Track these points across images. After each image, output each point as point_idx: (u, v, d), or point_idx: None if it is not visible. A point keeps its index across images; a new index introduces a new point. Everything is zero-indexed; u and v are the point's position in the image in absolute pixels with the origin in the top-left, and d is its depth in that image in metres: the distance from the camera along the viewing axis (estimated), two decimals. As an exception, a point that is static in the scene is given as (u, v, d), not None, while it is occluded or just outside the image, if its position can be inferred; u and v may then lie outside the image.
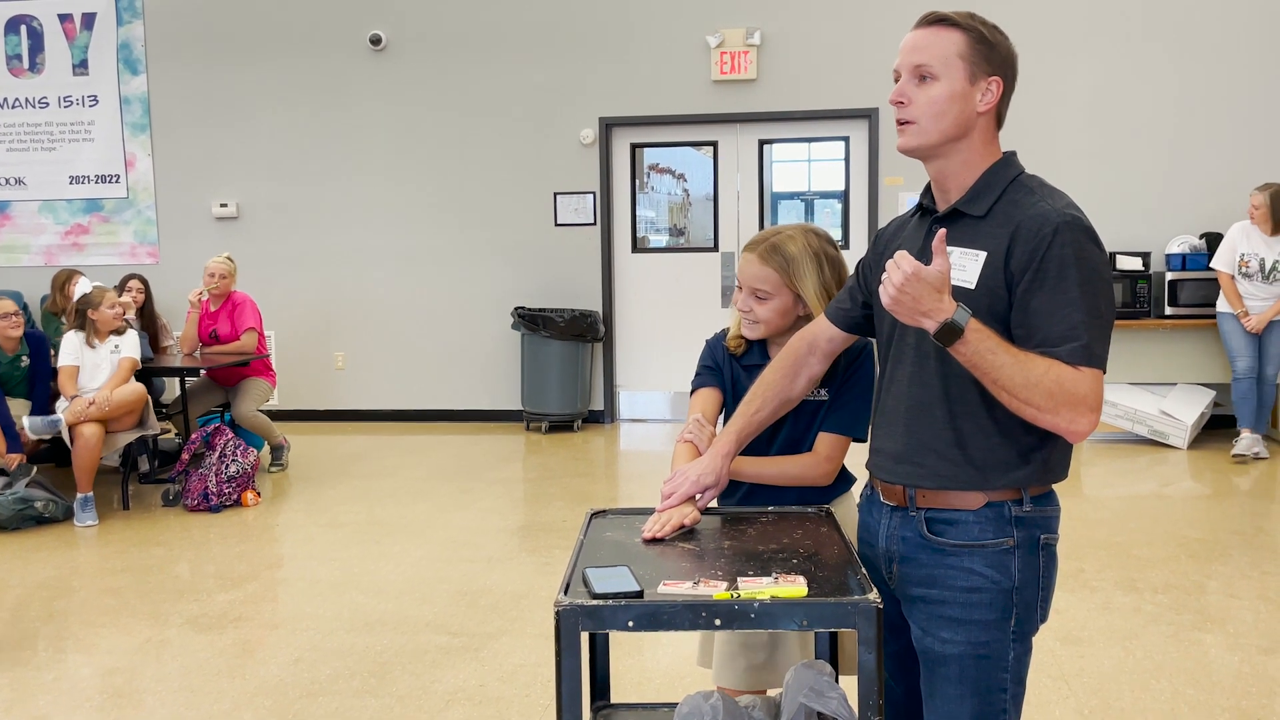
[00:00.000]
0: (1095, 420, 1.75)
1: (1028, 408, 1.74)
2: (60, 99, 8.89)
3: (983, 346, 1.72)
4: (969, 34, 1.83)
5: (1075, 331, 1.73)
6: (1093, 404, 1.73)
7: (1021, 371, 1.71)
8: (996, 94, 1.85)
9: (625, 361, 8.56)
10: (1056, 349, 1.74)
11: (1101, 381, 1.76)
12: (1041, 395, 1.72)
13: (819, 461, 2.25)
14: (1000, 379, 1.73)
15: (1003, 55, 1.86)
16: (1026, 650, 1.89)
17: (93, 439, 5.66)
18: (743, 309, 2.29)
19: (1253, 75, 7.61)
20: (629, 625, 1.62)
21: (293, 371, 8.70)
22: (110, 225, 8.95)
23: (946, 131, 1.83)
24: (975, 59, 1.83)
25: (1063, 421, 1.74)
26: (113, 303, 5.94)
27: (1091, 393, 1.73)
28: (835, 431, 2.25)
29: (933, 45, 1.83)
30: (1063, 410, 1.72)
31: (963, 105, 1.83)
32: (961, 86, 1.82)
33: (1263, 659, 3.63)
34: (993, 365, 1.72)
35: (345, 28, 8.54)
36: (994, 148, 1.89)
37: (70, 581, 4.77)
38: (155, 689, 3.58)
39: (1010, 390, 1.73)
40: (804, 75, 8.06)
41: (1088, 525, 5.28)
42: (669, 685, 3.50)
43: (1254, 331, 6.67)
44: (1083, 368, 1.73)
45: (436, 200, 8.56)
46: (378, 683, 3.59)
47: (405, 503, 6.04)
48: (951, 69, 1.82)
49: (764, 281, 2.26)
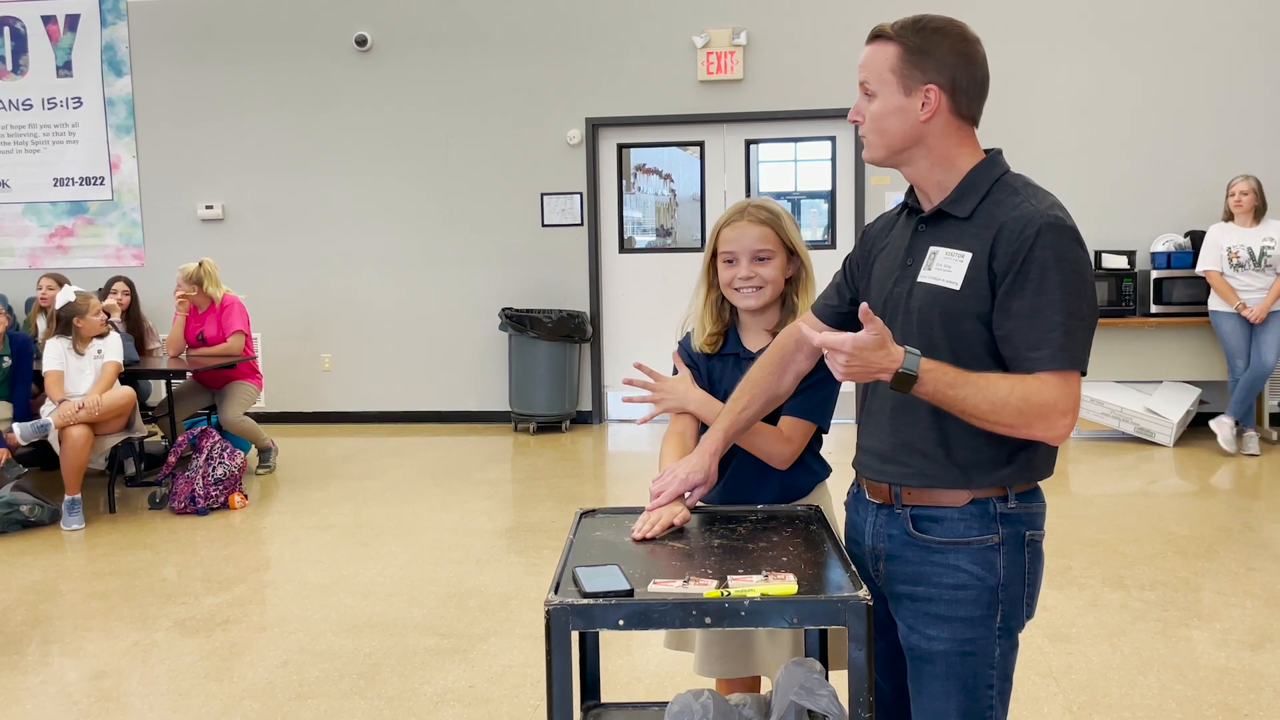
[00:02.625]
0: (1071, 423, 1.77)
1: (1000, 427, 1.77)
2: (44, 101, 8.84)
3: (941, 383, 1.75)
4: (900, 45, 1.85)
5: (1054, 335, 1.75)
6: (1064, 408, 1.75)
7: (986, 397, 1.74)
8: (936, 101, 1.84)
9: (613, 362, 8.56)
10: (1036, 352, 1.75)
11: (1078, 382, 1.77)
12: (1011, 414, 1.75)
13: (780, 439, 2.25)
14: (966, 409, 1.76)
15: (940, 60, 1.84)
16: (1013, 647, 1.89)
17: (80, 441, 5.64)
18: (745, 276, 2.30)
19: (1237, 74, 7.65)
20: (620, 624, 1.62)
21: (280, 373, 8.67)
22: (95, 228, 8.91)
23: (892, 144, 1.88)
24: (906, 70, 1.84)
25: (1038, 432, 1.77)
26: (98, 309, 5.92)
27: (1063, 397, 1.75)
28: (797, 415, 2.26)
29: (870, 62, 1.88)
30: (1035, 423, 1.75)
31: (902, 117, 1.85)
32: (896, 100, 1.85)
33: (1250, 655, 3.65)
34: (955, 398, 1.76)
35: (331, 28, 8.52)
36: (968, 149, 1.89)
37: (57, 585, 4.75)
38: (142, 692, 3.56)
39: (979, 416, 1.76)
40: (790, 75, 8.07)
41: (1075, 523, 5.30)
42: (659, 685, 3.50)
43: (1256, 321, 6.68)
44: (1056, 372, 1.74)
45: (423, 201, 8.54)
46: (366, 684, 3.58)
47: (393, 504, 6.03)
48: (885, 84, 1.86)
49: (764, 240, 2.30)
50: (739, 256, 2.30)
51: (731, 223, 2.32)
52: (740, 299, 2.32)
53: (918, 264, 1.89)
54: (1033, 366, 1.75)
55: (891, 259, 1.96)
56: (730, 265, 2.32)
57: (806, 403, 2.25)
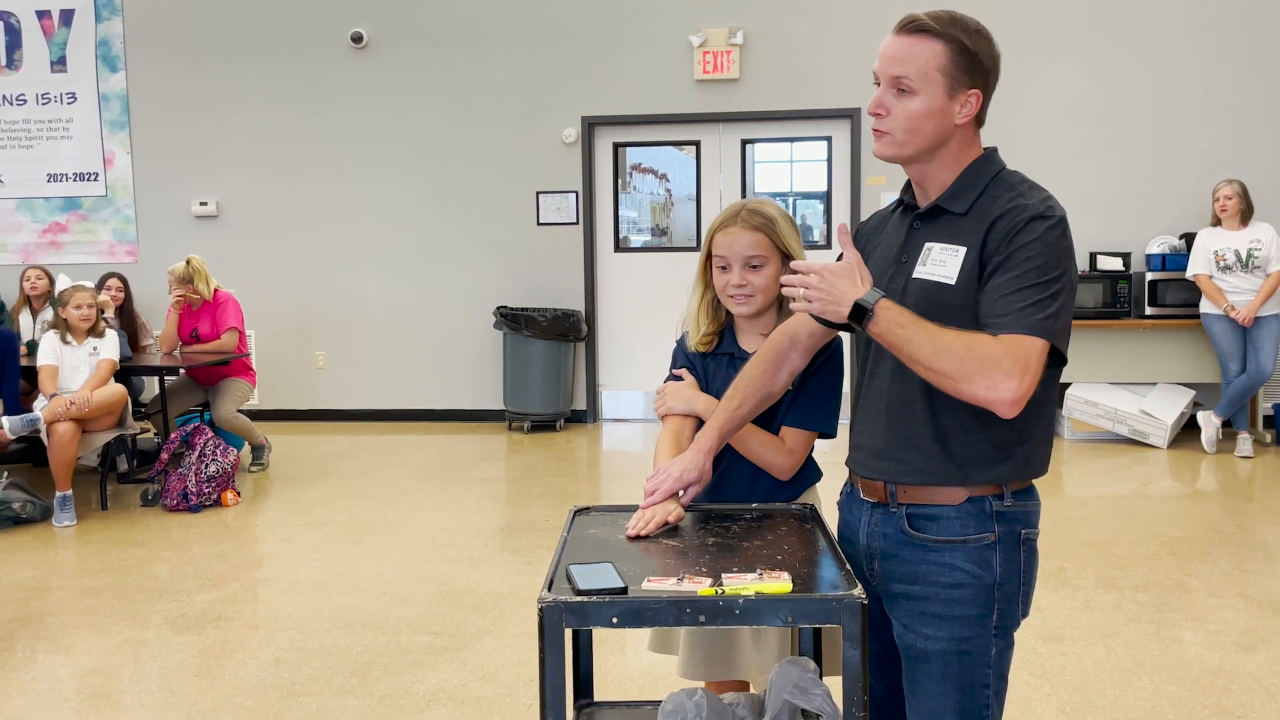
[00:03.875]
0: (1019, 389, 1.69)
1: (943, 378, 1.72)
2: (38, 96, 8.81)
3: (893, 322, 1.73)
4: (950, 45, 1.79)
5: (1019, 304, 1.72)
6: (1009, 368, 1.68)
7: (930, 341, 1.71)
8: (975, 106, 1.83)
9: (607, 361, 8.55)
10: (1000, 318, 1.73)
11: (1037, 352, 1.71)
12: (951, 361, 1.70)
13: (783, 450, 2.24)
14: (912, 351, 1.73)
15: (984, 64, 1.82)
16: (1009, 646, 1.89)
17: (67, 436, 5.61)
18: (738, 284, 2.26)
19: (1233, 77, 7.66)
20: (613, 621, 1.61)
21: (273, 371, 8.65)
22: (89, 224, 8.88)
23: (922, 145, 1.83)
24: (955, 72, 1.80)
25: (980, 389, 1.69)
26: (79, 303, 5.84)
27: (1011, 357, 1.69)
28: (797, 425, 2.24)
29: (912, 57, 1.79)
30: (975, 377, 1.69)
31: (940, 120, 1.81)
32: (940, 102, 1.80)
33: (1243, 656, 3.65)
34: (901, 339, 1.73)
35: (326, 25, 8.50)
36: (974, 150, 1.89)
37: (48, 582, 4.73)
38: (134, 689, 3.55)
39: (922, 362, 1.72)
40: (786, 75, 8.07)
41: (1069, 524, 5.30)
42: (652, 683, 3.49)
43: (1245, 323, 6.70)
44: (1014, 335, 1.71)
45: (418, 199, 8.53)
46: (359, 683, 3.57)
47: (386, 502, 6.01)
48: (930, 84, 1.79)
49: (757, 247, 2.25)
50: (731, 263, 2.27)
51: (725, 228, 2.28)
52: (733, 306, 2.31)
53: (913, 260, 1.88)
54: (995, 330, 1.73)
55: (886, 256, 1.96)
56: (724, 271, 2.29)
57: (807, 412, 2.24)
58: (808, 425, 2.24)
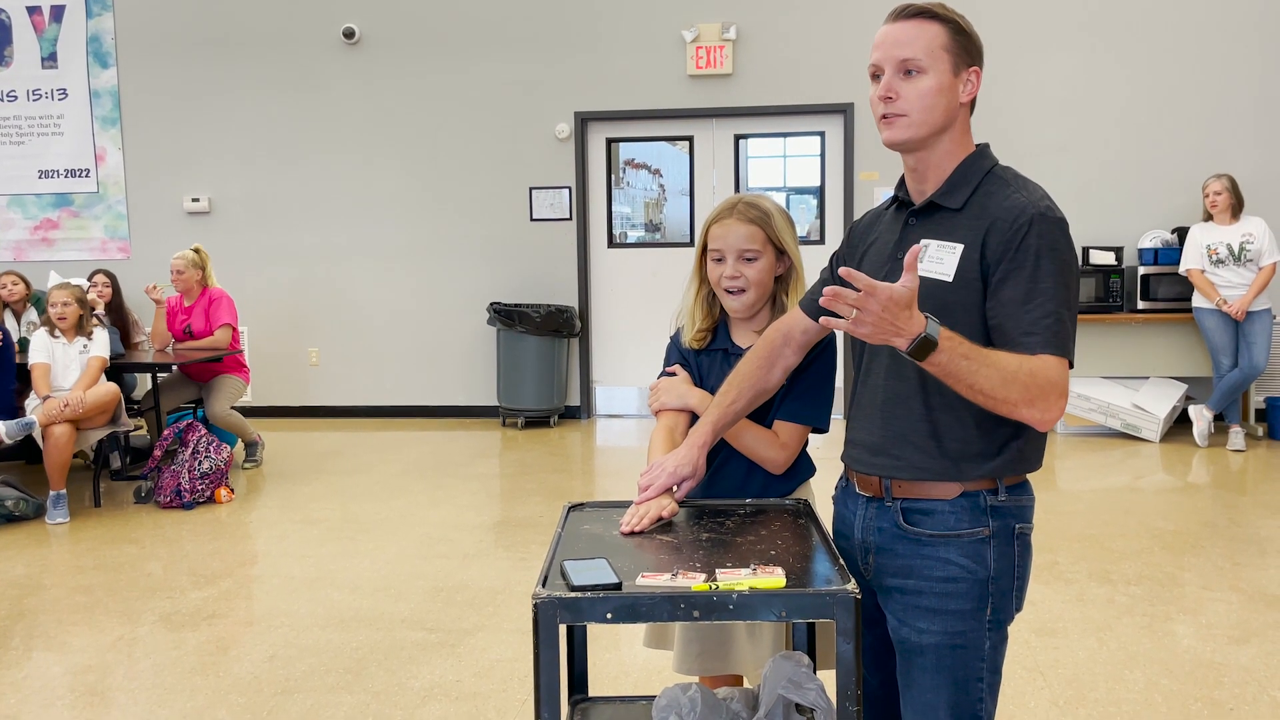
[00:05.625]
0: (1063, 408, 1.76)
1: (1004, 405, 1.73)
2: (29, 92, 8.78)
3: (956, 354, 1.69)
4: (949, 26, 1.85)
5: (1047, 321, 1.74)
6: (1061, 390, 1.74)
7: (997, 369, 1.70)
8: (977, 84, 1.87)
9: (601, 357, 8.55)
10: (1030, 337, 1.74)
11: (1068, 371, 1.77)
12: (1019, 390, 1.71)
13: (776, 444, 2.24)
14: (976, 383, 1.71)
15: (978, 45, 1.89)
16: (1003, 640, 1.89)
17: (63, 439, 5.60)
18: (731, 277, 2.27)
19: (1225, 70, 7.67)
20: (608, 617, 1.61)
21: (266, 368, 8.64)
22: (80, 220, 8.86)
23: (936, 123, 1.85)
24: (958, 50, 1.85)
25: (1037, 412, 1.73)
26: (54, 300, 5.84)
27: (1061, 379, 1.74)
28: (790, 419, 2.24)
29: (917, 39, 1.83)
30: (1037, 400, 1.72)
31: (949, 97, 1.85)
32: (948, 79, 1.84)
33: (1235, 649, 3.66)
34: (967, 371, 1.70)
35: (318, 20, 8.48)
36: (969, 139, 1.92)
37: (41, 579, 4.72)
38: (127, 687, 3.55)
39: (988, 392, 1.71)
40: (780, 70, 8.06)
41: (1062, 518, 5.31)
42: (646, 678, 3.50)
43: (1237, 317, 6.72)
44: (1052, 355, 1.74)
45: (411, 195, 8.52)
46: (353, 679, 3.57)
47: (380, 499, 6.01)
48: (938, 61, 1.83)
49: (752, 240, 2.25)
50: (726, 254, 2.28)
51: (720, 220, 2.29)
52: (726, 300, 2.31)
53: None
54: (1030, 350, 1.74)
55: (881, 253, 1.96)
56: (718, 263, 2.30)
57: (799, 406, 2.24)
58: (800, 419, 2.25)
